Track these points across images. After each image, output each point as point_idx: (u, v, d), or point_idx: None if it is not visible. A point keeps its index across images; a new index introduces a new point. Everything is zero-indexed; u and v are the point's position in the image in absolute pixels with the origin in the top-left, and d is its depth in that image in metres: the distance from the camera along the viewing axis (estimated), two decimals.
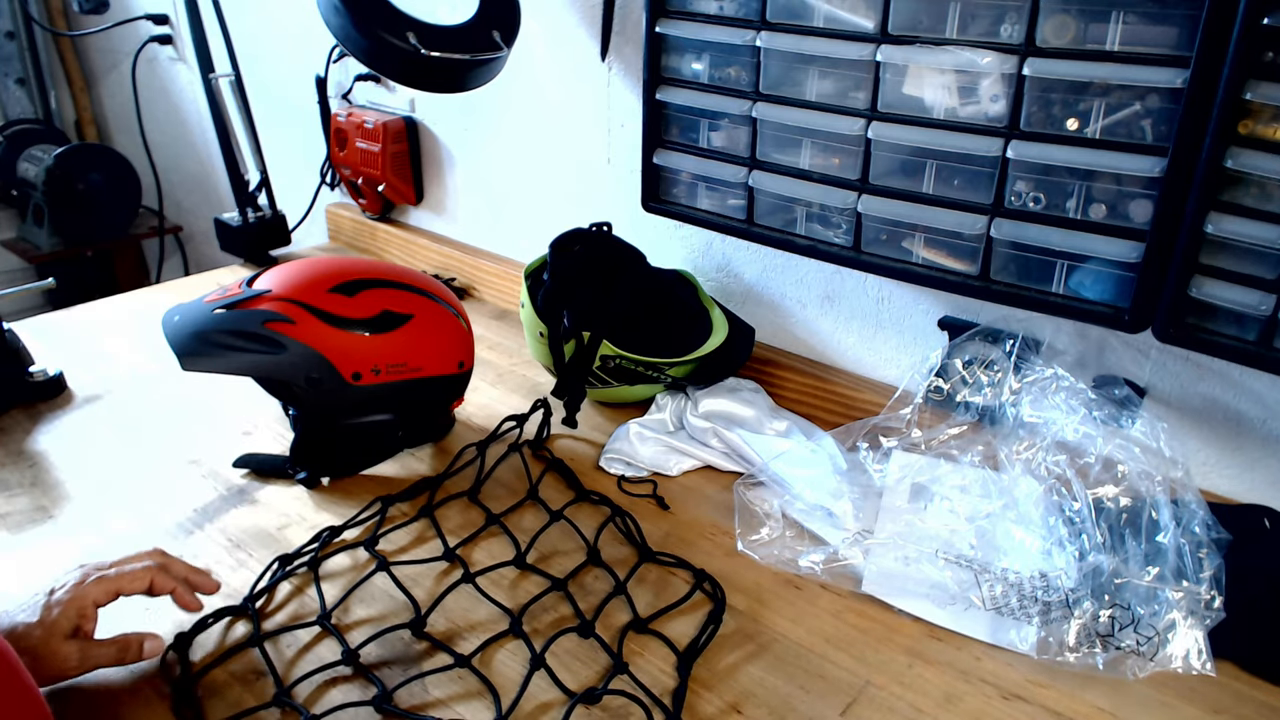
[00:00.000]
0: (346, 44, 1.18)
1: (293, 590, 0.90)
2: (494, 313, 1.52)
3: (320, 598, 0.87)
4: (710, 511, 1.03)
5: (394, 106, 1.68)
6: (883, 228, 1.02)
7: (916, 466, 1.01)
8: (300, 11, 1.66)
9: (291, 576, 0.91)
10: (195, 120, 2.24)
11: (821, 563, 0.93)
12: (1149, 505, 0.87)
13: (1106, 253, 0.88)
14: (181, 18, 1.71)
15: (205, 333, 0.96)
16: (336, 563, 0.93)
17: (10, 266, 2.48)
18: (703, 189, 1.16)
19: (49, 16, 2.51)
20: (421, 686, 0.78)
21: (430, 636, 0.84)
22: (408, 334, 1.02)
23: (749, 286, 1.29)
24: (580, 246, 1.21)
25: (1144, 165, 0.83)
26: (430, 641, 0.83)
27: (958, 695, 0.79)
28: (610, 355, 1.11)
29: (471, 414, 1.22)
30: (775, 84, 1.05)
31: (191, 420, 1.18)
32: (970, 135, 0.92)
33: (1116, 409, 0.94)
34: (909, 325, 1.16)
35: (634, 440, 1.11)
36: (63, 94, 2.63)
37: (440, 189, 1.69)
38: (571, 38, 1.34)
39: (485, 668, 0.81)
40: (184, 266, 2.58)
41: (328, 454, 1.06)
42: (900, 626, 0.87)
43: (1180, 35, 0.79)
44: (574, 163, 1.43)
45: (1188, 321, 0.86)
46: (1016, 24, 0.87)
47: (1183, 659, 0.81)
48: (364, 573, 0.91)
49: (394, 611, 0.87)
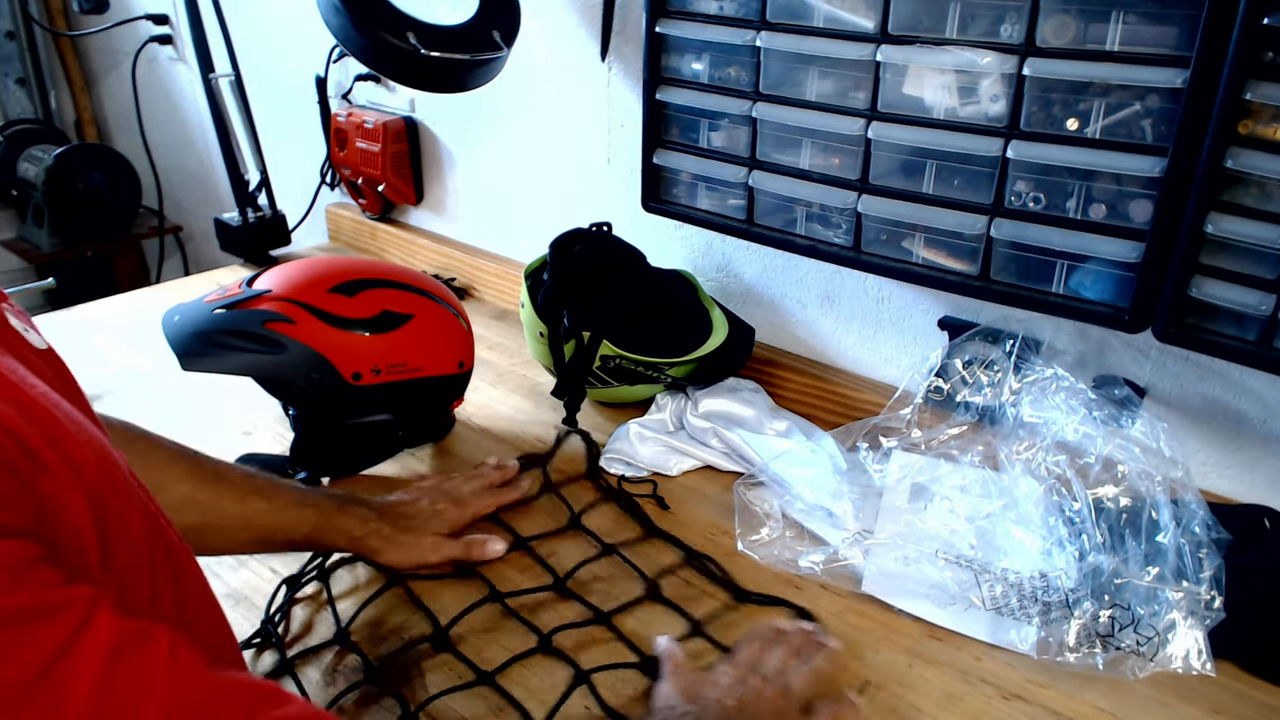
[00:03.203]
0: (346, 44, 1.18)
1: (306, 608, 0.89)
2: (494, 313, 1.52)
3: (335, 614, 0.86)
4: (710, 511, 1.03)
5: (394, 106, 1.68)
6: (883, 228, 1.02)
7: (916, 466, 1.01)
8: (300, 11, 1.66)
9: (301, 591, 0.90)
10: (195, 120, 2.24)
11: (821, 563, 0.93)
12: (1149, 505, 0.87)
13: (1106, 253, 0.88)
14: (181, 18, 1.71)
15: (205, 333, 0.96)
16: (344, 574, 0.93)
17: (10, 266, 2.48)
18: (703, 189, 1.16)
19: (49, 16, 2.51)
20: (444, 705, 0.78)
21: (455, 650, 0.83)
22: (408, 334, 1.02)
23: (749, 286, 1.29)
24: (580, 246, 1.21)
25: (1144, 165, 0.83)
26: (455, 655, 0.82)
27: (958, 695, 0.79)
28: (610, 355, 1.11)
29: (471, 414, 1.22)
30: (775, 84, 1.05)
31: (191, 420, 1.18)
32: (970, 135, 0.92)
33: (1116, 409, 0.94)
34: (909, 325, 1.16)
35: (634, 440, 1.11)
36: (63, 94, 2.63)
37: (440, 189, 1.69)
38: (571, 38, 1.34)
39: (510, 685, 0.80)
40: (184, 266, 2.58)
41: (328, 454, 1.06)
42: (900, 626, 0.87)
43: (1180, 35, 0.79)
44: (574, 163, 1.43)
45: (1188, 321, 0.86)
46: (1016, 24, 0.87)
47: (1183, 659, 0.81)
48: (376, 586, 0.90)
49: (410, 623, 0.86)
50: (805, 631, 0.83)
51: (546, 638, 0.84)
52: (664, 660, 0.80)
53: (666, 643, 0.82)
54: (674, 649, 0.81)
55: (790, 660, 0.79)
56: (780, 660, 0.79)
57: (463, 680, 0.79)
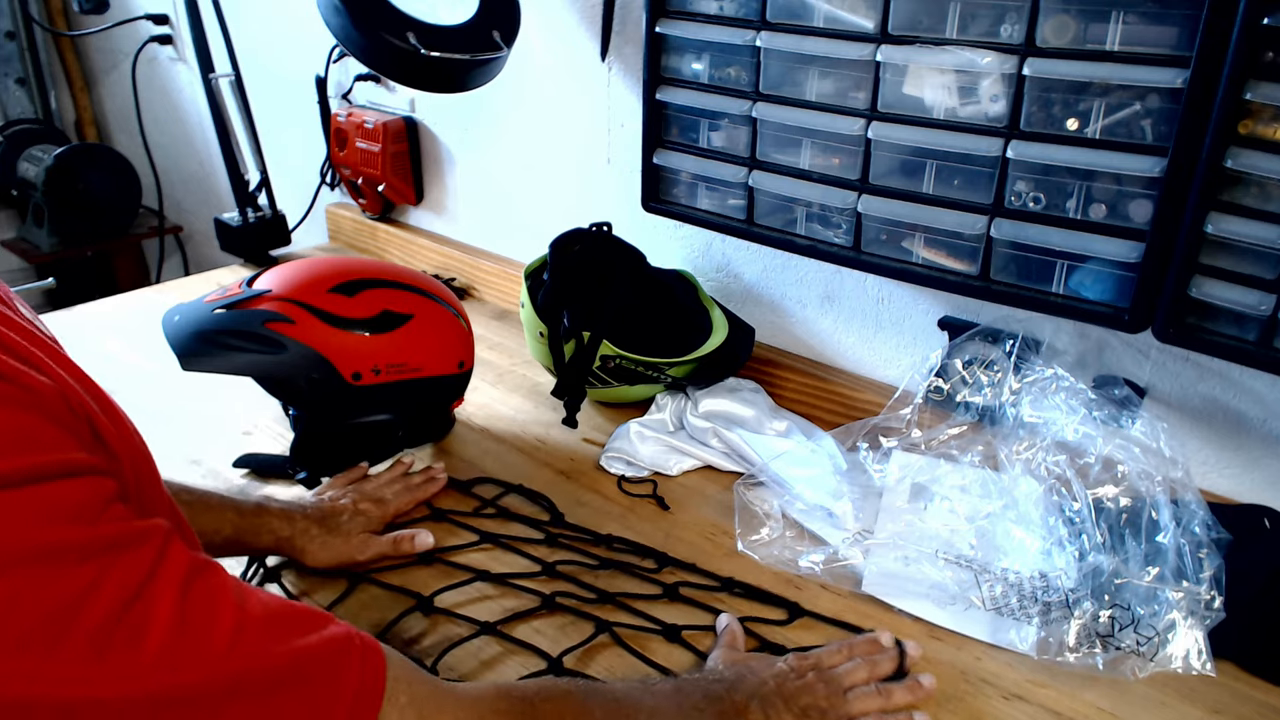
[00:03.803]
0: (346, 44, 1.18)
1: None
2: (494, 313, 1.52)
3: None
4: (710, 511, 1.03)
5: (394, 106, 1.68)
6: (883, 228, 1.02)
7: (916, 466, 1.01)
8: (300, 11, 1.66)
9: None
10: (195, 120, 2.24)
11: (821, 563, 0.93)
12: (1149, 505, 0.87)
13: (1106, 253, 0.88)
14: (181, 18, 1.71)
15: (205, 333, 0.96)
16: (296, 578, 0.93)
17: (10, 266, 2.48)
18: (703, 189, 1.16)
19: (49, 16, 2.51)
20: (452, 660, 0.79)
21: (444, 609, 0.84)
22: (408, 334, 1.02)
23: (749, 286, 1.29)
24: (580, 246, 1.21)
25: (1144, 165, 0.83)
26: (445, 614, 0.83)
27: (958, 695, 0.79)
28: (610, 355, 1.11)
29: (471, 414, 1.22)
30: (775, 84, 1.05)
31: (191, 420, 1.18)
32: (970, 135, 0.92)
33: (1116, 409, 0.94)
34: (909, 325, 1.16)
35: (634, 440, 1.11)
36: (63, 94, 2.63)
37: (440, 189, 1.69)
38: (571, 38, 1.34)
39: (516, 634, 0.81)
40: (184, 266, 2.58)
41: (328, 454, 1.06)
42: (900, 626, 0.87)
43: (1180, 35, 0.79)
44: (574, 163, 1.43)
45: (1188, 321, 0.86)
46: (1016, 24, 0.87)
47: (1183, 659, 0.81)
48: (331, 588, 0.90)
49: (389, 609, 0.87)
50: (897, 659, 0.78)
51: (550, 598, 0.84)
52: (720, 634, 0.81)
53: (727, 618, 0.83)
54: (734, 624, 0.82)
55: (864, 676, 0.76)
56: (854, 674, 0.76)
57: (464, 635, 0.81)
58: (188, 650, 0.47)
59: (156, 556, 0.48)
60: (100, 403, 0.52)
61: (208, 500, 0.88)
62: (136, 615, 0.46)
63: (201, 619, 0.48)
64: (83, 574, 0.45)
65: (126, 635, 0.45)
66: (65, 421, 0.48)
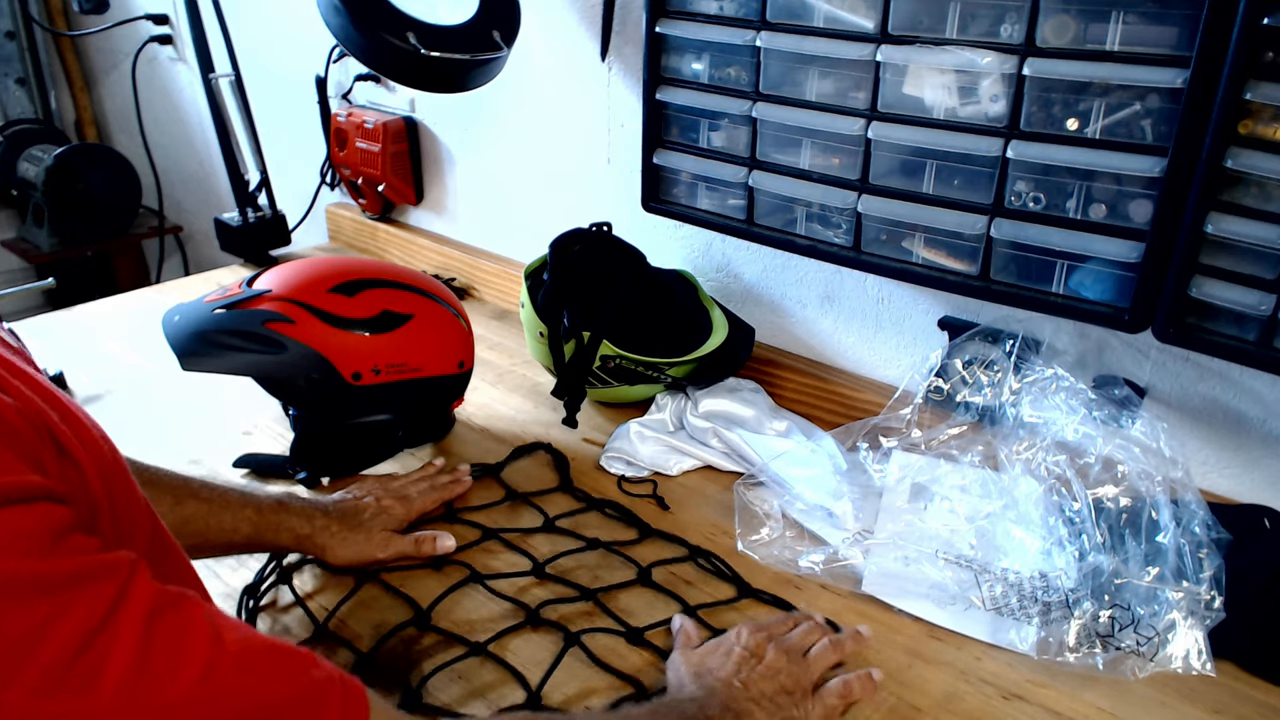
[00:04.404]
0: (346, 44, 1.18)
1: (269, 616, 0.88)
2: (494, 313, 1.52)
3: (309, 614, 0.86)
4: (710, 511, 1.03)
5: (394, 106, 1.68)
6: (883, 228, 1.02)
7: (916, 466, 1.01)
8: (300, 11, 1.66)
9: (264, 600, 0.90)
10: (195, 120, 2.24)
11: (821, 563, 0.93)
12: (1149, 505, 0.87)
13: (1106, 253, 0.88)
14: (181, 18, 1.71)
15: (205, 333, 0.96)
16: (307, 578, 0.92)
17: (10, 266, 2.48)
18: (703, 189, 1.16)
19: (49, 16, 2.51)
20: (440, 682, 0.78)
21: (439, 629, 0.84)
22: (408, 334, 1.02)
23: (749, 286, 1.29)
24: (580, 246, 1.21)
25: (1144, 165, 0.83)
26: (440, 633, 0.83)
27: (958, 695, 0.79)
28: (610, 355, 1.11)
29: (471, 414, 1.22)
30: (775, 84, 1.05)
31: (191, 420, 1.18)
32: (970, 135, 0.92)
33: (1116, 409, 0.94)
34: (909, 325, 1.16)
35: (634, 440, 1.11)
36: (63, 94, 2.63)
37: (440, 189, 1.69)
38: (571, 38, 1.34)
39: (503, 653, 0.81)
40: (184, 266, 2.58)
41: (328, 454, 1.06)
42: (900, 626, 0.87)
43: (1180, 35, 0.79)
44: (574, 163, 1.43)
45: (1188, 321, 0.86)
46: (1016, 24, 0.87)
47: (1183, 659, 0.81)
48: (341, 586, 0.90)
49: (390, 613, 0.87)
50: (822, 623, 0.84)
51: (534, 611, 0.85)
52: (676, 635, 0.82)
53: (679, 619, 0.84)
54: (686, 623, 0.83)
55: (808, 637, 0.80)
56: (798, 637, 0.80)
57: (453, 657, 0.81)
58: (148, 690, 0.44)
59: (118, 592, 0.45)
60: (64, 416, 0.50)
61: (227, 497, 0.87)
62: (94, 654, 0.43)
63: (166, 657, 0.45)
64: (36, 610, 0.42)
65: (82, 675, 0.42)
66: (20, 442, 0.45)
